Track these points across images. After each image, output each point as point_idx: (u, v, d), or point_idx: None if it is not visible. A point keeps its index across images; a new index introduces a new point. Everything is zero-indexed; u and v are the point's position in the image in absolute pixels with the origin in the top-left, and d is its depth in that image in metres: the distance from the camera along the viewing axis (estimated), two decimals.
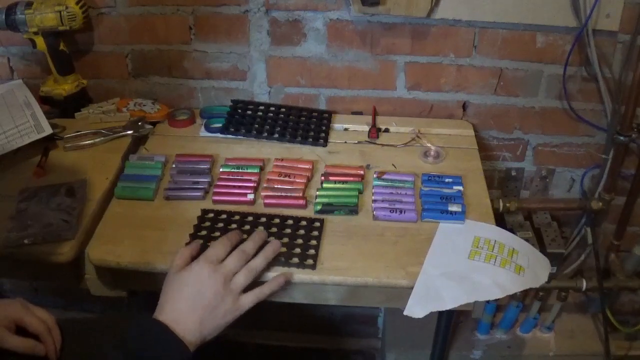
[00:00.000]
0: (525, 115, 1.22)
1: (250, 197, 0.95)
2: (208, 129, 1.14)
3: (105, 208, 0.94)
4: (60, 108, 1.16)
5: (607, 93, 1.14)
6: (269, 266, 0.81)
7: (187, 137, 1.13)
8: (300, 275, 0.83)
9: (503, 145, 1.27)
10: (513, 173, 1.31)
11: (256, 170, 1.01)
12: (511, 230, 1.16)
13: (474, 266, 0.84)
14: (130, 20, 1.15)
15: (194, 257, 0.76)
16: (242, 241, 0.80)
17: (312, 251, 0.85)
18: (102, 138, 1.08)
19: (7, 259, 0.84)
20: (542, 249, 1.23)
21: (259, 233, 0.81)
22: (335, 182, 0.99)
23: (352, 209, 0.93)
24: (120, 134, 1.09)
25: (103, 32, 1.17)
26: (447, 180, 1.00)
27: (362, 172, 1.02)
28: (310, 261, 0.83)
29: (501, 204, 1.23)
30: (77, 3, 1.06)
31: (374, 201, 0.95)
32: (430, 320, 0.89)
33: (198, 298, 0.71)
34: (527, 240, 0.96)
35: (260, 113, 1.17)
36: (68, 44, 1.13)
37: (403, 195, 0.96)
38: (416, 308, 0.80)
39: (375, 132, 1.13)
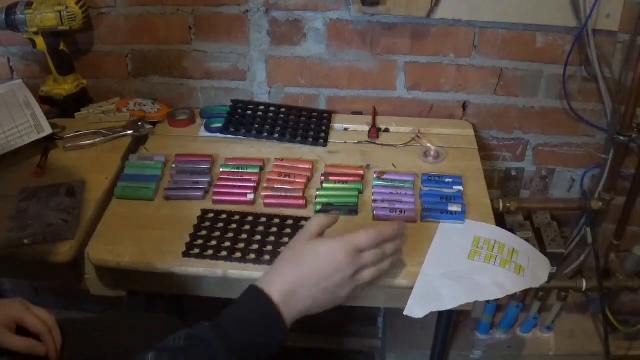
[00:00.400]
0: (525, 115, 1.22)
1: (250, 197, 0.95)
2: (208, 129, 1.14)
3: (105, 208, 0.94)
4: (60, 108, 1.16)
5: (607, 93, 1.14)
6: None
7: (187, 137, 1.13)
8: None
9: (503, 145, 1.27)
10: (513, 173, 1.31)
11: (256, 170, 1.01)
12: (511, 230, 1.16)
13: (474, 266, 0.84)
14: (130, 20, 1.15)
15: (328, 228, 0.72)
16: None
17: None
18: (102, 138, 1.08)
19: (7, 259, 0.84)
20: (542, 249, 1.23)
21: (402, 236, 0.76)
22: (335, 182, 0.99)
23: (352, 209, 0.93)
24: (120, 134, 1.09)
25: (103, 32, 1.17)
26: (447, 180, 1.00)
27: (362, 172, 1.02)
28: None
29: (501, 204, 1.23)
30: (77, 3, 1.06)
31: (374, 201, 0.95)
32: (430, 320, 0.89)
33: (324, 279, 0.66)
34: (527, 240, 0.96)
35: (260, 113, 1.17)
36: (68, 44, 1.13)
37: (403, 195, 0.96)
38: (416, 308, 0.80)
39: (375, 132, 1.13)
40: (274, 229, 0.89)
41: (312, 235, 0.70)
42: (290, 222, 0.91)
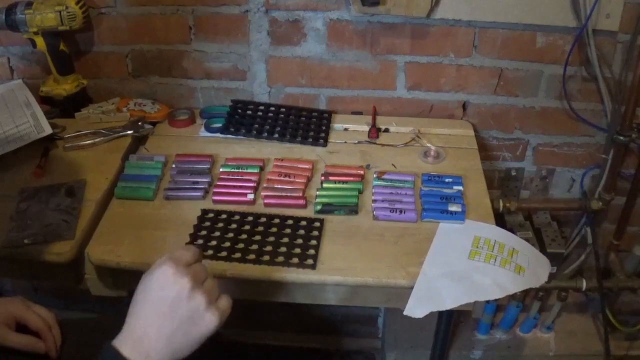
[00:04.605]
0: (525, 115, 1.22)
1: (250, 197, 0.95)
2: (208, 129, 1.14)
3: (105, 208, 0.94)
4: (60, 108, 1.16)
5: (607, 93, 1.14)
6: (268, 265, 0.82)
7: (187, 137, 1.13)
8: (300, 275, 0.83)
9: (503, 145, 1.27)
10: (513, 173, 1.31)
11: (256, 170, 1.01)
12: (511, 230, 1.16)
13: (474, 266, 0.84)
14: (130, 20, 1.15)
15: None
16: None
17: (312, 251, 0.85)
18: (102, 138, 1.08)
19: (7, 259, 0.84)
20: (542, 249, 1.23)
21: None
22: (335, 182, 0.99)
23: (352, 209, 0.93)
24: (120, 134, 1.09)
25: (103, 32, 1.17)
26: (447, 180, 1.00)
27: (362, 172, 1.02)
28: (310, 261, 0.83)
29: (501, 204, 1.23)
30: (77, 3, 1.06)
31: (374, 201, 0.95)
32: (430, 320, 0.89)
33: (163, 306, 0.58)
34: (527, 240, 0.96)
35: (260, 113, 1.17)
36: (68, 44, 1.13)
37: (403, 195, 0.96)
38: (416, 308, 0.80)
39: (375, 132, 1.13)
40: (274, 229, 0.89)
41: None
42: (290, 222, 0.91)
